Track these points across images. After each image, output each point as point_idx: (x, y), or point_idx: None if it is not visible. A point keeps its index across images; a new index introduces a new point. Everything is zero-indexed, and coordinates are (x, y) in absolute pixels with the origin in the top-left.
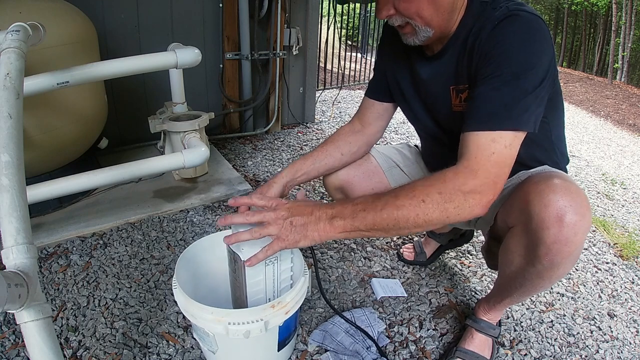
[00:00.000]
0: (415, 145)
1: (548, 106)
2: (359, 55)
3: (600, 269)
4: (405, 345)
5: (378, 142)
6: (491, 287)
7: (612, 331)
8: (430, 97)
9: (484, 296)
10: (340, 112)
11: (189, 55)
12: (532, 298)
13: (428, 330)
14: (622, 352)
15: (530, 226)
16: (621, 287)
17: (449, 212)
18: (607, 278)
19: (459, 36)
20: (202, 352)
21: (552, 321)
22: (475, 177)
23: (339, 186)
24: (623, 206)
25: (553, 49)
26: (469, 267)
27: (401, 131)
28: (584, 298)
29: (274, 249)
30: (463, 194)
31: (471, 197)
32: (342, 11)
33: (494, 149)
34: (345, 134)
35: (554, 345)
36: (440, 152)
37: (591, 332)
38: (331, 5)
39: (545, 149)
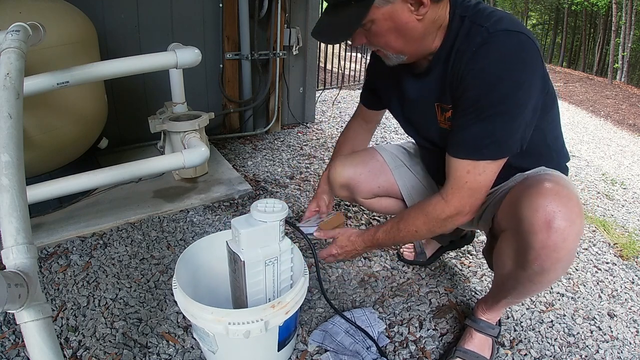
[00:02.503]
0: None
1: (541, 113)
2: (359, 55)
3: (600, 269)
4: (405, 345)
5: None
6: (491, 287)
7: (612, 331)
8: (417, 115)
9: (482, 296)
10: (340, 112)
11: (189, 55)
12: (532, 298)
13: (428, 330)
14: (622, 352)
15: (520, 230)
16: (621, 287)
17: (436, 231)
18: (607, 278)
19: (441, 55)
20: (202, 352)
21: (552, 321)
22: (449, 206)
23: (345, 184)
24: (623, 206)
25: (536, 65)
26: (469, 267)
27: (401, 131)
28: (584, 298)
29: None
30: (442, 220)
31: (449, 220)
32: None
33: (467, 179)
34: (358, 135)
35: (554, 345)
36: (434, 159)
37: (591, 332)
38: None
39: (541, 153)
